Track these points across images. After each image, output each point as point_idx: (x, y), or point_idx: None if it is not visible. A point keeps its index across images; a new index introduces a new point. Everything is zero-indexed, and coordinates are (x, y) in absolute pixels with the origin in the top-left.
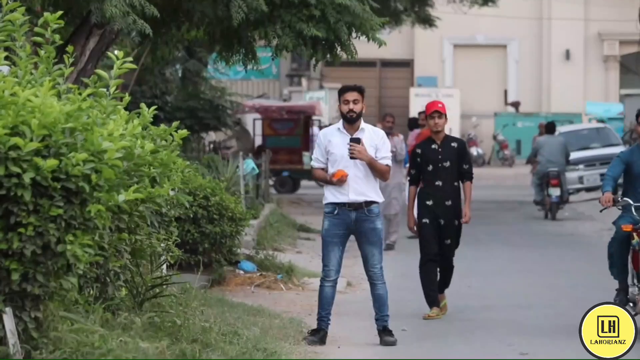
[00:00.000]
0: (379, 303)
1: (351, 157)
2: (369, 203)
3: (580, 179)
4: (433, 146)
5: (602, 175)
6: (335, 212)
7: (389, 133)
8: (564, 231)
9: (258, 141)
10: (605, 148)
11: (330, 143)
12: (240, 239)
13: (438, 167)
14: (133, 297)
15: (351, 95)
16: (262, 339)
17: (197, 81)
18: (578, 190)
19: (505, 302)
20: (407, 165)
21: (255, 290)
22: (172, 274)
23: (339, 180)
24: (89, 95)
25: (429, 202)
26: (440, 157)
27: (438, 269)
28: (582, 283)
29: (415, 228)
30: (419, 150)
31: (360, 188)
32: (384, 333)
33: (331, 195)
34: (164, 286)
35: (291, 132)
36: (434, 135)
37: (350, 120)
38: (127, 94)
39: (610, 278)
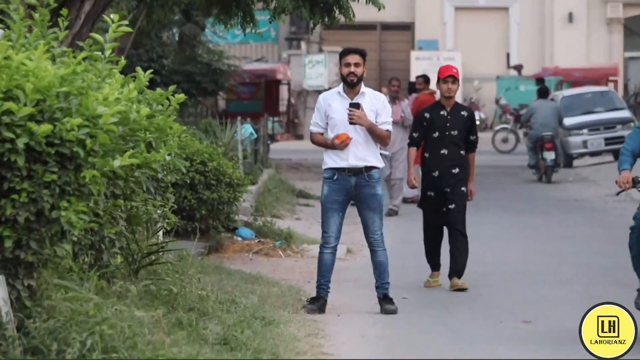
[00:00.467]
0: (380, 270)
1: (350, 123)
2: (369, 168)
3: (584, 144)
4: (442, 112)
5: (606, 139)
6: (335, 177)
7: (396, 97)
8: (567, 196)
9: (222, 105)
10: (609, 112)
11: (330, 107)
12: (238, 205)
13: (445, 135)
14: (128, 265)
15: (352, 58)
16: (260, 307)
17: (195, 45)
18: (582, 155)
19: (507, 268)
20: None
21: (253, 257)
22: (169, 240)
23: (342, 144)
24: (83, 58)
25: (435, 174)
26: (448, 124)
27: (447, 239)
28: (585, 249)
29: (415, 183)
30: (427, 115)
31: (360, 153)
32: (385, 301)
33: (331, 160)
34: (160, 253)
35: (253, 96)
36: (445, 100)
37: (351, 84)
38: (122, 58)
39: (615, 243)
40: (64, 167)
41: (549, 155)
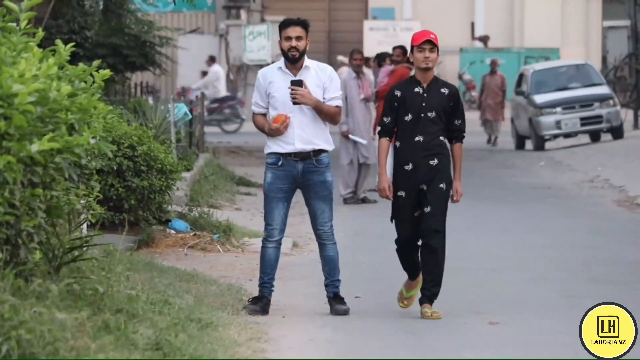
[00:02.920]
0: (329, 266)
1: (294, 103)
2: (317, 152)
3: (558, 124)
4: (416, 89)
5: (582, 119)
6: (280, 163)
7: (358, 72)
8: (539, 183)
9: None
10: (586, 88)
11: (271, 85)
12: (171, 194)
13: (420, 118)
14: (49, 262)
15: (294, 31)
16: (196, 308)
17: (121, 14)
18: (555, 137)
19: (474, 264)
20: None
21: (189, 252)
22: (94, 234)
23: (280, 127)
24: None
25: (408, 167)
26: (424, 104)
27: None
28: (560, 242)
29: (388, 192)
30: (397, 93)
31: (307, 135)
32: (335, 301)
33: (274, 144)
34: (84, 249)
35: None
36: (421, 74)
37: (293, 60)
38: (40, 29)
39: (592, 235)
40: None
41: None
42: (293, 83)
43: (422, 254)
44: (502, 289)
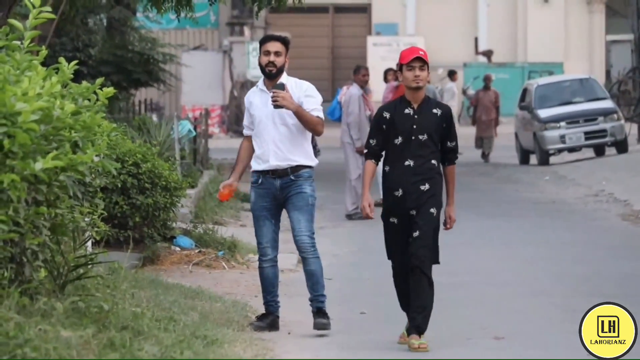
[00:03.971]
0: (312, 281)
1: (275, 106)
2: (295, 168)
3: (562, 138)
4: (407, 110)
5: (586, 133)
6: (260, 181)
7: (363, 88)
8: (543, 197)
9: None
10: (590, 102)
11: (251, 105)
12: (176, 211)
13: (410, 141)
14: (54, 279)
15: (273, 46)
16: (201, 325)
17: (125, 31)
18: (560, 151)
19: (477, 278)
20: None
21: (193, 269)
22: (98, 252)
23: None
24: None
25: (398, 193)
26: (415, 126)
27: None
28: (564, 256)
29: (369, 210)
30: (386, 114)
31: (283, 152)
32: (317, 315)
33: (254, 161)
34: (89, 266)
35: None
36: (411, 94)
37: (270, 75)
38: (44, 47)
39: (593, 249)
40: None
41: None
42: (276, 87)
43: (410, 280)
44: (505, 304)
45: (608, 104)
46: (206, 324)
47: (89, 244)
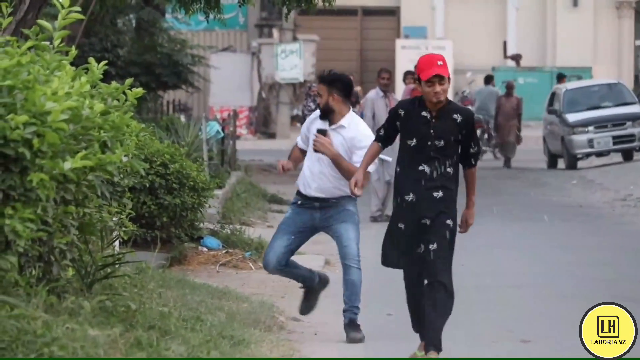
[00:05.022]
0: (350, 291)
1: (314, 150)
2: (339, 198)
3: (590, 143)
4: (424, 113)
5: (614, 138)
6: (300, 202)
7: (385, 91)
8: (570, 202)
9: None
10: (618, 107)
11: (308, 130)
12: (203, 211)
13: (426, 146)
14: (81, 278)
15: (319, 88)
16: (228, 325)
17: (154, 32)
18: (588, 155)
19: (503, 282)
20: None
21: (221, 269)
22: (126, 251)
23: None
24: (29, 48)
25: (409, 197)
26: (432, 131)
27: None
28: (590, 260)
29: (358, 189)
30: (401, 112)
31: (326, 186)
32: (350, 328)
33: (300, 182)
34: (117, 265)
35: None
36: (431, 103)
37: (321, 116)
38: (73, 47)
39: (620, 253)
40: (8, 170)
41: None
42: (319, 131)
43: (427, 294)
44: (531, 307)
45: (636, 108)
46: (233, 324)
47: (117, 243)
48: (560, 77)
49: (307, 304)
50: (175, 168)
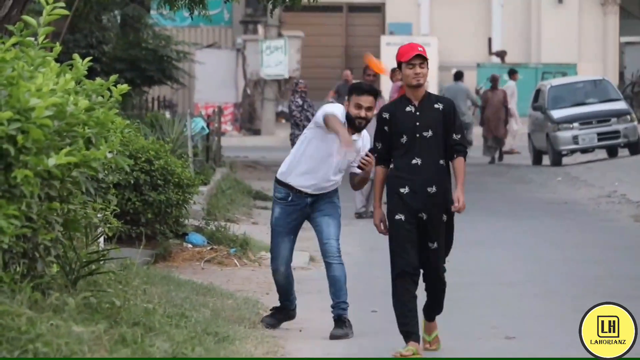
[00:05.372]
0: (335, 287)
1: (360, 168)
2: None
3: (575, 139)
4: (408, 108)
5: (599, 134)
6: (289, 198)
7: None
8: (555, 198)
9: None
10: (603, 104)
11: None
12: (188, 208)
13: (415, 139)
14: (66, 275)
15: (366, 101)
16: (213, 322)
17: (139, 28)
18: (572, 152)
19: (488, 278)
20: None
21: (205, 266)
22: (111, 248)
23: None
24: (13, 44)
25: (404, 190)
26: (418, 123)
27: (424, 285)
28: (575, 257)
29: (382, 228)
30: (386, 115)
31: (323, 186)
32: (338, 323)
33: (292, 177)
34: (101, 262)
35: None
36: (412, 91)
37: (359, 129)
38: (58, 44)
39: (605, 250)
40: None
41: None
42: (370, 151)
43: (427, 288)
44: (515, 304)
45: (621, 105)
46: (217, 320)
47: (101, 240)
48: (512, 73)
49: (272, 320)
50: (160, 164)
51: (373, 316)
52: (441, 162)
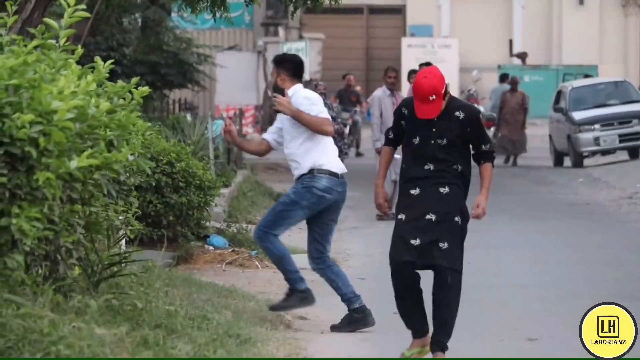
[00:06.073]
0: (342, 282)
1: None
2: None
3: (596, 141)
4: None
5: (621, 136)
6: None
7: (392, 90)
8: (577, 200)
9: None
10: (624, 105)
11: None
12: (210, 210)
13: (429, 144)
14: (88, 277)
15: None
16: (234, 324)
17: (160, 31)
18: (594, 153)
19: (510, 280)
20: None
21: (227, 268)
22: (132, 250)
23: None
24: (35, 47)
25: (415, 192)
26: (434, 129)
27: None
28: (597, 259)
29: (385, 207)
30: (405, 110)
31: (296, 164)
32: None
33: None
34: (123, 264)
35: None
36: None
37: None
38: (79, 46)
39: (627, 251)
40: (15, 169)
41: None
42: (275, 90)
43: (434, 292)
44: (537, 305)
45: None
46: (239, 322)
47: (123, 242)
48: (503, 78)
49: (283, 303)
50: (182, 167)
51: (395, 317)
52: (455, 167)
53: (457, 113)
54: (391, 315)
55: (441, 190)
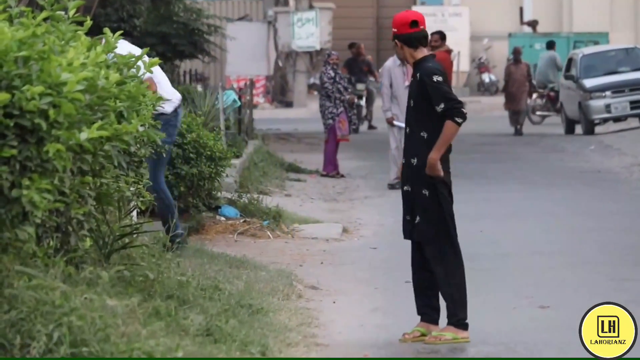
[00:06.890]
0: None
1: None
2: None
3: (607, 108)
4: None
5: (632, 103)
6: None
7: (402, 59)
8: (588, 167)
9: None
10: (635, 72)
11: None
12: (221, 180)
13: (408, 108)
14: (99, 249)
15: None
16: (246, 294)
17: (170, 2)
18: (605, 120)
19: (521, 248)
20: None
21: (238, 238)
22: (144, 221)
23: None
24: (44, 19)
25: (403, 161)
26: (408, 92)
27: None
28: (609, 226)
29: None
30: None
31: None
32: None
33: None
34: (134, 235)
35: None
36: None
37: None
38: (88, 18)
39: (638, 218)
40: (25, 141)
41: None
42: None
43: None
44: (550, 273)
45: None
46: (251, 293)
47: (134, 213)
48: (551, 45)
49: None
50: (192, 137)
51: (407, 286)
52: (422, 133)
53: (418, 74)
54: (403, 285)
55: (412, 160)
